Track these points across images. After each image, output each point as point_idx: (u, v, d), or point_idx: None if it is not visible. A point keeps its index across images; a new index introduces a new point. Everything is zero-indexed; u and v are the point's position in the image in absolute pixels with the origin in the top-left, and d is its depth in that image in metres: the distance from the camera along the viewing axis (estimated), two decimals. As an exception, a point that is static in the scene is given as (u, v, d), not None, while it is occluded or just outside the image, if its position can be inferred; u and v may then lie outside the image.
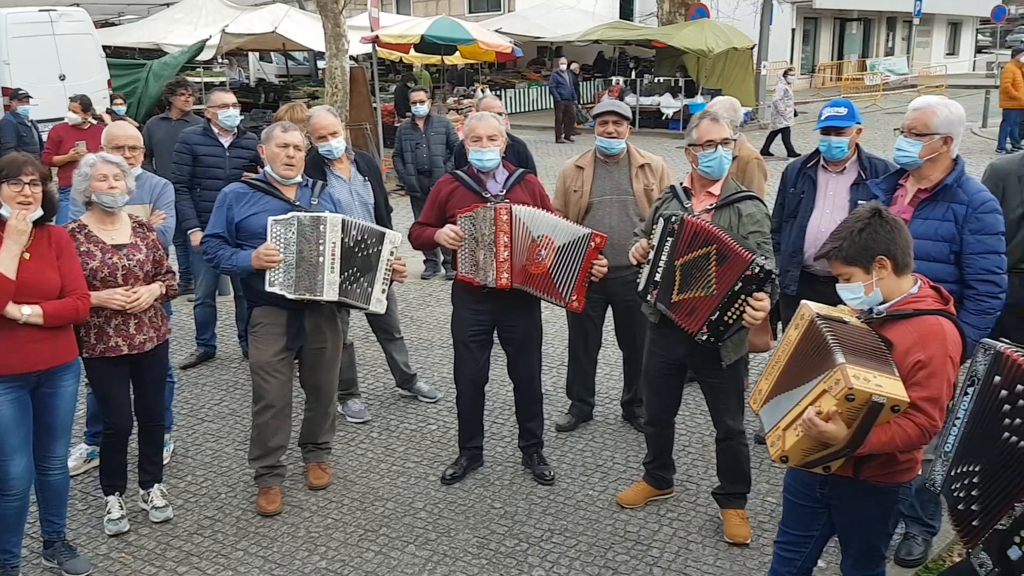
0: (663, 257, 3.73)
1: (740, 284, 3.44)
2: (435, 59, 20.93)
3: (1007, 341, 2.11)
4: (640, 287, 3.88)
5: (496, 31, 21.52)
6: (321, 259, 4.09)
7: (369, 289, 4.29)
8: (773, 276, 3.44)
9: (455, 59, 21.19)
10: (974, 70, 37.44)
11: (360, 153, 5.29)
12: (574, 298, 4.23)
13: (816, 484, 2.88)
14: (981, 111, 19.36)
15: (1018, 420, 1.90)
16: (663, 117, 20.63)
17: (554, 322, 7.03)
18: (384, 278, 4.32)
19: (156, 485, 4.37)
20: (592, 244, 4.15)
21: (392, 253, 4.34)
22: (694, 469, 4.78)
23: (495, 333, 4.59)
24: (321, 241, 4.08)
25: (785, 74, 16.77)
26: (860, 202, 3.85)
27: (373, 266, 4.29)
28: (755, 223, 3.79)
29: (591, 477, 4.71)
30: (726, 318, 3.54)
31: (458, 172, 4.43)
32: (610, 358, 6.14)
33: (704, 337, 3.61)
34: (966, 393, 2.12)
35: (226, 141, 6.19)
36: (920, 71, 31.84)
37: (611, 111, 4.73)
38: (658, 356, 4.11)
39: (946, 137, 3.42)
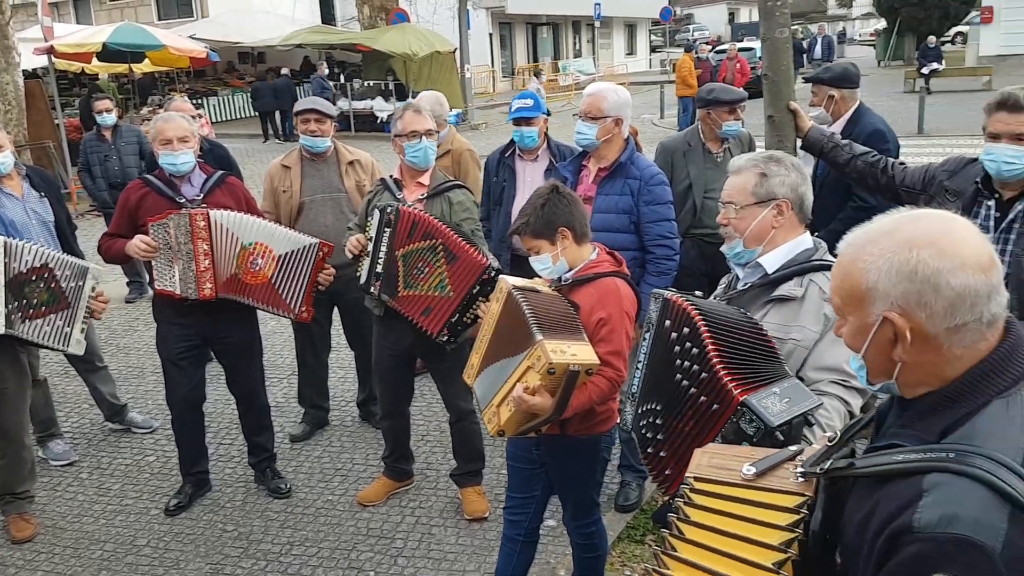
0: (382, 248, 3.75)
1: (477, 288, 3.58)
2: (122, 68, 19.33)
3: (674, 290, 2.36)
4: (362, 280, 3.88)
5: (190, 37, 20.34)
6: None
7: (67, 329, 3.90)
8: (497, 271, 3.59)
9: (145, 67, 19.72)
10: (651, 67, 41.58)
11: (33, 168, 4.76)
12: (303, 309, 4.13)
13: (531, 446, 3.08)
14: (659, 104, 21.58)
15: (687, 362, 2.11)
16: (378, 120, 20.75)
17: (281, 332, 6.81)
18: (84, 316, 3.94)
19: None
20: (320, 253, 4.07)
21: (93, 289, 3.97)
22: (433, 456, 4.86)
23: (208, 348, 4.35)
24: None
25: (536, 74, 17.52)
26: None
27: (71, 303, 3.90)
28: (465, 211, 3.93)
29: (331, 482, 4.63)
30: (464, 319, 3.66)
31: (148, 177, 4.12)
32: (343, 361, 6.07)
33: (445, 338, 3.71)
34: (644, 338, 2.34)
35: None
36: (605, 70, 34.77)
37: (312, 109, 4.67)
38: (386, 348, 4.13)
39: (617, 119, 3.78)
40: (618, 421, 3.04)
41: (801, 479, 1.46)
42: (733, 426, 1.93)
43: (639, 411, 2.30)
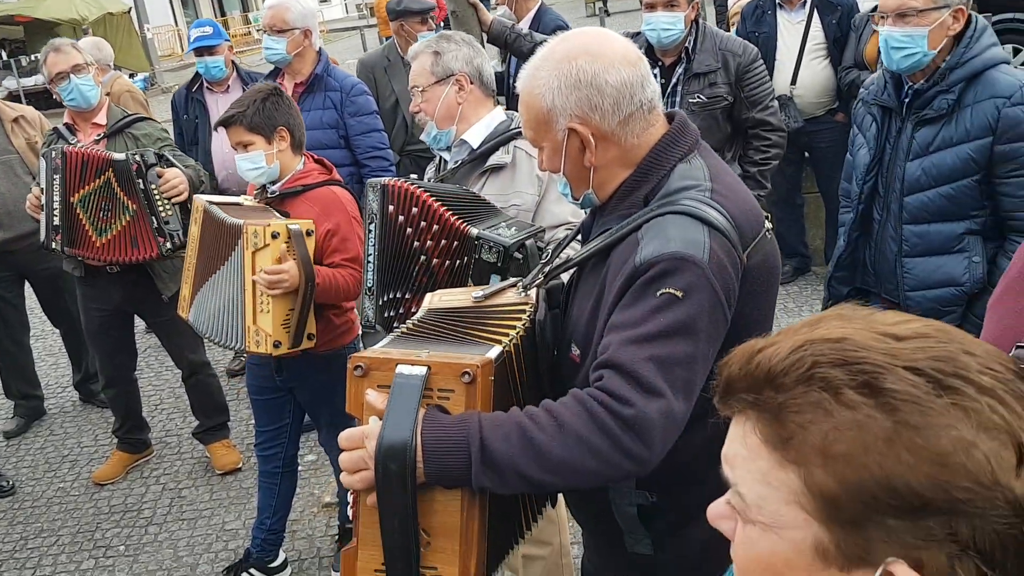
0: (56, 197, 3.39)
1: (141, 182, 3.30)
2: None
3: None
4: (42, 237, 3.49)
5: None
6: None
7: None
8: (160, 158, 3.36)
9: None
10: (348, 13, 40.76)
11: None
12: None
13: (272, 374, 2.97)
14: (362, 48, 21.27)
15: (421, 236, 2.15)
16: (55, 96, 18.52)
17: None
18: None
19: None
20: None
21: None
22: (171, 423, 4.57)
23: None
24: None
25: None
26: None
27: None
28: (159, 140, 3.67)
29: (59, 470, 4.21)
30: (162, 215, 3.35)
31: None
32: (51, 348, 5.49)
33: (169, 246, 3.38)
34: (369, 231, 2.32)
35: None
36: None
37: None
38: (94, 310, 3.77)
39: (305, 30, 3.67)
40: (359, 333, 3.03)
41: (524, 293, 1.56)
42: (477, 263, 2.02)
43: (380, 303, 2.29)
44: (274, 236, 2.53)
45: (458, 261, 2.10)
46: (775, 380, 0.67)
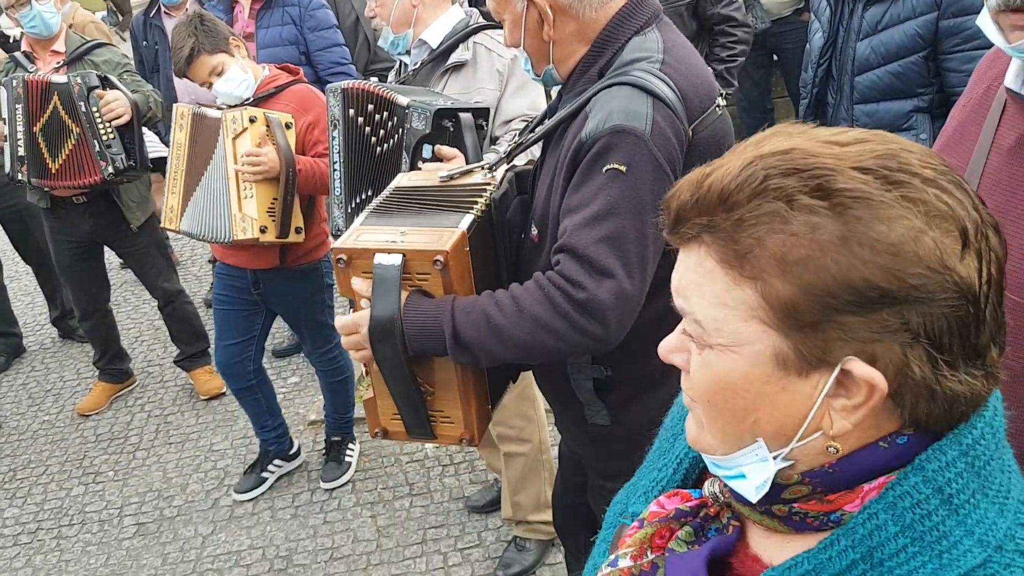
0: (19, 127, 3.33)
1: (82, 105, 3.21)
2: None
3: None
4: (6, 168, 3.45)
5: None
6: None
7: None
8: (104, 82, 3.28)
9: None
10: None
11: None
12: None
13: (249, 287, 2.98)
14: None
15: (381, 132, 2.15)
16: (11, 40, 17.98)
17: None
18: None
19: None
20: None
21: None
22: (152, 353, 4.59)
23: None
24: None
25: None
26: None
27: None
28: (119, 65, 3.60)
29: (43, 404, 4.24)
30: (103, 138, 3.26)
31: None
32: (26, 287, 5.46)
33: (111, 170, 3.29)
34: (333, 139, 2.31)
35: None
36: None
37: None
38: (64, 243, 3.75)
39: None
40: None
41: (489, 174, 1.58)
42: (408, 133, 2.01)
43: (349, 210, 2.30)
44: (252, 120, 2.55)
45: (394, 138, 2.10)
46: (728, 199, 0.69)
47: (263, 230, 2.64)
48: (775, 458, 0.72)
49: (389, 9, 2.44)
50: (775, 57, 5.00)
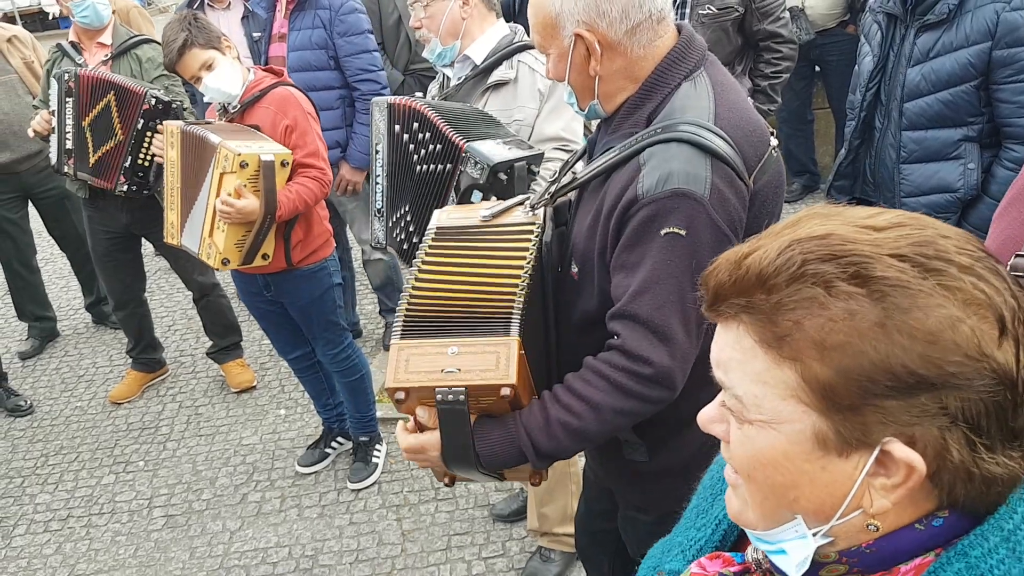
0: (68, 120, 3.38)
1: (142, 121, 3.30)
2: None
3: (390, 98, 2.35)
4: (53, 160, 3.50)
5: None
6: None
7: None
8: (174, 105, 3.34)
9: None
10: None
11: None
12: None
13: (262, 289, 3.03)
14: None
15: (423, 151, 2.14)
16: (50, 17, 18.22)
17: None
18: None
19: None
20: None
21: None
22: (185, 343, 4.64)
23: None
24: None
25: None
26: (255, 34, 3.89)
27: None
28: (158, 67, 3.60)
29: (75, 390, 4.30)
30: (140, 161, 3.38)
31: None
32: (61, 271, 5.54)
33: (125, 188, 3.43)
34: (377, 152, 2.32)
35: None
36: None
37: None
38: (101, 233, 3.80)
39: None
40: (335, 245, 3.09)
41: (531, 212, 1.56)
42: (462, 176, 2.00)
43: (390, 224, 2.30)
44: (243, 166, 2.52)
45: (443, 166, 2.09)
46: (767, 282, 0.69)
47: (225, 262, 2.72)
48: (815, 535, 0.73)
49: (438, 21, 2.44)
50: (817, 68, 4.94)
